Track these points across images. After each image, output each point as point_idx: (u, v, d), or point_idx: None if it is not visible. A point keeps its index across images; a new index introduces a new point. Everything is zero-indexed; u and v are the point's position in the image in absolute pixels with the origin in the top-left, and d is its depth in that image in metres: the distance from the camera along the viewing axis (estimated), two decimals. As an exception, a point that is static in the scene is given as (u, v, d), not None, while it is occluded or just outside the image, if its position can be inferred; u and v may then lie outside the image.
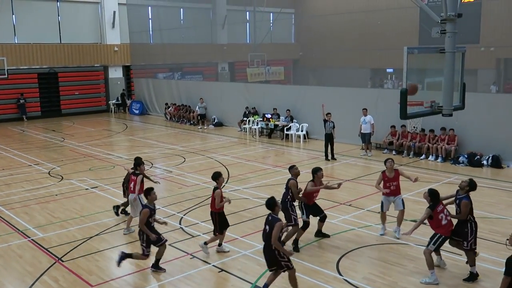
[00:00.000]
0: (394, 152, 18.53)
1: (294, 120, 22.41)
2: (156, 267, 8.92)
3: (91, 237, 10.71)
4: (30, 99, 31.91)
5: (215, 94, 27.65)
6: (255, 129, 23.62)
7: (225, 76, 43.21)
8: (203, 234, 10.62)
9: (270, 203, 7.66)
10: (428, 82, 11.27)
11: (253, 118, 24.23)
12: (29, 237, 10.81)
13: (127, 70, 36.53)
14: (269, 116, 23.26)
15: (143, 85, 33.90)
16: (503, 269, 6.01)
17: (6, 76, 28.38)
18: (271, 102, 23.97)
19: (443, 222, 8.17)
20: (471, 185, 8.48)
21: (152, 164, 17.62)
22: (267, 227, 7.54)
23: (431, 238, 8.27)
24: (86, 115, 33.30)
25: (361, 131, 18.36)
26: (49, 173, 16.87)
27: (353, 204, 12.47)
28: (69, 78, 33.55)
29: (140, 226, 8.65)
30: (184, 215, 12.00)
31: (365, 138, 18.42)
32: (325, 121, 17.84)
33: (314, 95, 22.38)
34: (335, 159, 17.75)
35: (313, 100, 22.08)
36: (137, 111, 33.53)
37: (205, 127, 26.59)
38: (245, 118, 24.80)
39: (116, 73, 35.86)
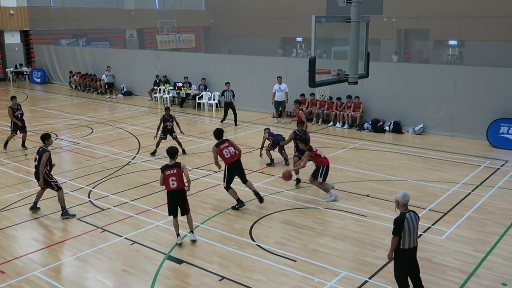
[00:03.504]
0: (303, 120, 18.99)
1: (207, 89, 22.22)
2: (66, 214, 9.75)
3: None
4: None
5: (124, 62, 26.62)
6: (166, 98, 23.14)
7: (134, 43, 41.68)
8: (113, 206, 10.34)
9: None
10: (335, 51, 11.59)
11: (164, 87, 23.69)
12: None
13: (25, 35, 34.01)
14: (180, 85, 22.86)
15: (44, 52, 31.78)
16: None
17: None
18: (182, 71, 23.54)
19: (322, 156, 10.47)
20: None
21: (57, 136, 16.74)
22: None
23: (316, 172, 10.38)
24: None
25: (275, 99, 18.65)
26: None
27: (265, 172, 12.69)
28: (-41, 44, 30.70)
29: (41, 168, 9.62)
30: (93, 188, 11.58)
31: (279, 106, 18.75)
32: (224, 91, 18.59)
33: (225, 63, 22.29)
34: (237, 125, 18.20)
35: (225, 69, 21.99)
36: (38, 80, 31.50)
37: (113, 97, 25.60)
38: (155, 87, 24.18)
39: (13, 39, 33.29)
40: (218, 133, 10.35)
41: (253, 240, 8.73)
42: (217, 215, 9.89)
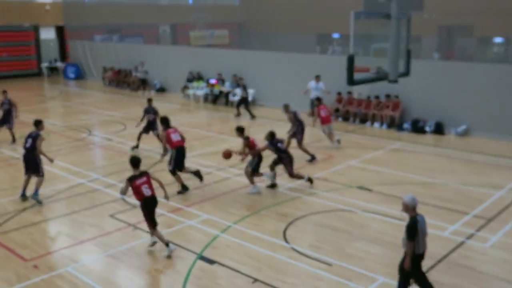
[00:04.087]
0: (340, 119, 18.85)
1: (243, 87, 22.25)
2: (37, 198, 10.55)
3: (24, 209, 10.30)
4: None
5: (157, 58, 26.94)
6: (199, 95, 23.31)
7: (167, 39, 42.16)
8: (145, 204, 10.45)
9: None
10: (375, 48, 11.45)
11: (197, 84, 23.87)
12: (-45, 211, 10.28)
13: (60, 31, 34.85)
14: (214, 81, 22.98)
15: (78, 48, 32.51)
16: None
17: None
18: (216, 67, 23.67)
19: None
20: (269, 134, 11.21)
21: (90, 132, 17.08)
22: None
23: (251, 163, 11.12)
24: (15, 79, 31.63)
25: (312, 97, 18.56)
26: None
27: (300, 172, 12.61)
28: (-4, 39, 31.70)
29: (40, 151, 10.64)
30: (125, 184, 11.74)
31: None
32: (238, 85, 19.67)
33: (259, 60, 22.28)
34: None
35: (259, 66, 21.99)
36: (72, 75, 32.22)
37: (146, 93, 25.92)
38: (188, 84, 24.39)
39: (48, 34, 34.17)
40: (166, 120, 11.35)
41: (287, 242, 8.68)
42: (250, 216, 9.90)
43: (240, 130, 11.24)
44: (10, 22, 31.70)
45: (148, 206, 8.34)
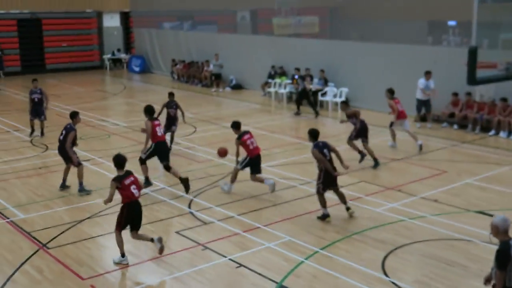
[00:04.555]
0: (455, 126, 18.27)
1: (329, 83, 22.19)
2: (83, 190, 12.17)
3: (81, 221, 10.83)
4: (8, 50, 32.18)
5: (234, 49, 27.48)
6: (282, 93, 23.47)
7: (246, 27, 42.84)
8: (217, 221, 10.66)
9: None
10: (504, 39, 10.98)
11: (280, 80, 24.04)
12: (8, 218, 10.99)
13: (125, 17, 36.47)
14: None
15: (145, 37, 33.87)
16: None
17: (-21, 22, 28.66)
18: (303, 61, 23.73)
19: (250, 147, 11.97)
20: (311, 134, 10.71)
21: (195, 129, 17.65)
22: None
23: (243, 160, 12.02)
24: (75, 72, 33.51)
25: (417, 97, 18.25)
26: (31, 141, 17.08)
27: (403, 190, 12.38)
28: (55, 26, 33.69)
29: (67, 147, 11.91)
30: (194, 197, 12.05)
31: (423, 107, 18.32)
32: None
33: (356, 53, 22.08)
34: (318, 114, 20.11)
35: (355, 59, 21.79)
36: (137, 69, 33.60)
37: (220, 90, 26.52)
38: (270, 80, 24.62)
39: (112, 21, 35.88)
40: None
41: (386, 276, 8.52)
42: (341, 240, 9.80)
43: (236, 126, 12.34)
44: (70, 8, 33.62)
45: (135, 209, 8.89)
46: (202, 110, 21.81)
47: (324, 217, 10.65)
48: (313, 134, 10.70)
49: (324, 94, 22.00)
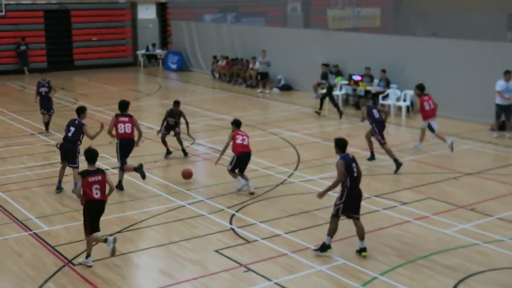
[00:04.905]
0: (541, 137, 17.88)
1: (391, 85, 22.01)
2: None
3: (111, 235, 11.01)
4: (34, 45, 33.00)
5: (283, 45, 27.52)
6: (337, 96, 23.38)
7: (297, 20, 42.85)
8: (262, 239, 10.69)
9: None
10: None
11: (335, 81, 23.97)
12: (30, 230, 11.27)
13: (162, 9, 37.00)
14: (358, 78, 22.94)
15: (183, 30, 34.28)
16: None
17: (3, 13, 29.42)
18: (362, 59, 23.61)
19: (238, 141, 13.16)
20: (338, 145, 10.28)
21: (194, 140, 17.85)
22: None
23: (232, 159, 13.25)
24: (106, 69, 34.09)
25: (496, 102, 17.86)
26: (57, 145, 17.40)
27: (477, 209, 12.19)
28: (85, 19, 34.42)
29: (91, 138, 13.05)
30: (236, 211, 12.12)
31: (504, 112, 17.89)
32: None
33: (424, 50, 21.83)
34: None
35: (422, 58, 21.54)
36: (174, 66, 34.02)
37: (267, 91, 26.58)
38: (323, 81, 24.54)
39: (147, 13, 36.43)
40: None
41: (456, 308, 8.39)
42: (403, 265, 9.70)
43: (236, 124, 13.59)
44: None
45: (92, 210, 9.61)
46: (246, 113, 21.90)
47: (324, 249, 9.98)
48: (340, 145, 10.21)
49: (385, 97, 21.81)
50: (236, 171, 13.26)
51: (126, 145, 13.41)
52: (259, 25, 37.00)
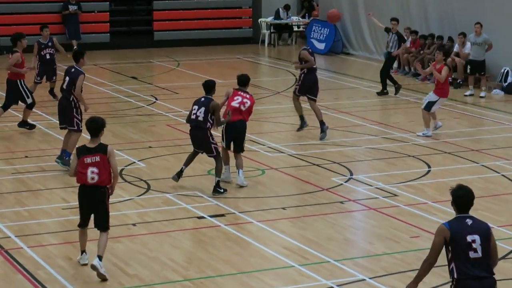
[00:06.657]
0: None
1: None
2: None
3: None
4: (89, 4, 34.14)
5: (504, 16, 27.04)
6: None
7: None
8: None
9: None
10: None
11: None
12: None
13: None
14: None
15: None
16: None
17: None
18: None
19: (233, 104, 15.87)
20: None
21: (352, 174, 17.84)
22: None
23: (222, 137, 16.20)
24: (205, 48, 34.80)
25: None
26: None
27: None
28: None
29: (77, 94, 15.97)
30: None
31: None
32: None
33: None
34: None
35: None
36: (321, 46, 34.22)
37: (482, 93, 26.28)
38: None
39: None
40: None
41: None
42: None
43: (241, 81, 16.52)
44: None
45: (81, 196, 11.37)
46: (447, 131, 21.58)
47: None
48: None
49: None
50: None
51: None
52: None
